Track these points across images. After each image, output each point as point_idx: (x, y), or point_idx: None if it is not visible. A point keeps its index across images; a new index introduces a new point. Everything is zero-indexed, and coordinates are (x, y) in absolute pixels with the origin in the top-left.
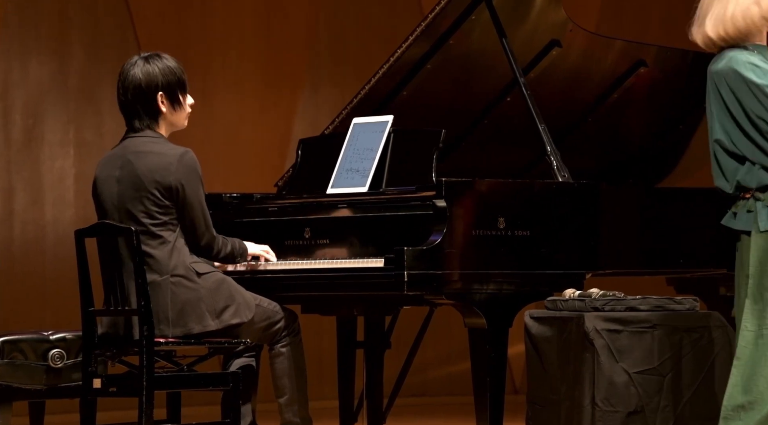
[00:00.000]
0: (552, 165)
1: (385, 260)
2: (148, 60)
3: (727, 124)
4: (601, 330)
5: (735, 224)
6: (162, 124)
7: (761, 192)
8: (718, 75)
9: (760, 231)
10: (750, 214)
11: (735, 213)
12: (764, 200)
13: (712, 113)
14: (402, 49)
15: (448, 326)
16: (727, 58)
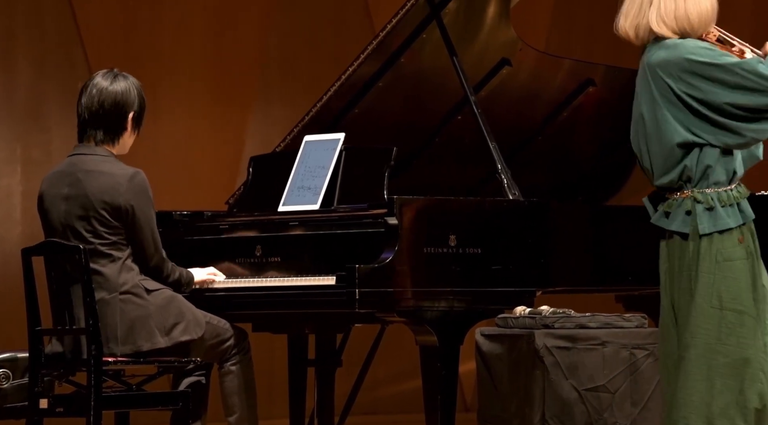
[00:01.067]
0: (503, 183)
1: (336, 277)
2: (124, 77)
3: (680, 115)
4: (551, 347)
5: (668, 224)
6: (117, 144)
7: (701, 192)
8: (662, 65)
9: (700, 235)
10: (688, 215)
11: (667, 212)
12: (704, 203)
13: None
14: (353, 68)
15: (400, 343)
16: (671, 46)
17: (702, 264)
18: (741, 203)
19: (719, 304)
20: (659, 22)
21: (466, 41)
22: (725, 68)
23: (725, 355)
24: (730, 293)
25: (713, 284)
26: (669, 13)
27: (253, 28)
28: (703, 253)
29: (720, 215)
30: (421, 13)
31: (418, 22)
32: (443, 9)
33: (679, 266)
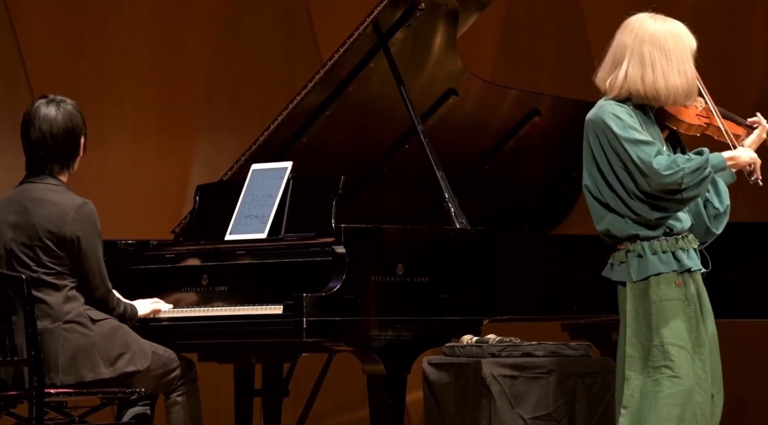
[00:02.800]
0: (450, 212)
1: (283, 306)
2: (63, 102)
3: (593, 171)
4: (497, 375)
5: (612, 275)
6: (69, 170)
7: (630, 243)
8: (588, 123)
9: (633, 281)
10: (623, 265)
11: (612, 264)
12: (634, 251)
13: (587, 160)
14: (301, 96)
15: (347, 373)
16: (598, 106)
17: (640, 309)
18: (677, 253)
19: (661, 342)
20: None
21: (414, 71)
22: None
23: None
24: (671, 331)
25: (654, 325)
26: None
27: (200, 55)
28: (641, 297)
29: (651, 262)
30: (368, 43)
31: (365, 51)
32: (390, 38)
33: (622, 312)
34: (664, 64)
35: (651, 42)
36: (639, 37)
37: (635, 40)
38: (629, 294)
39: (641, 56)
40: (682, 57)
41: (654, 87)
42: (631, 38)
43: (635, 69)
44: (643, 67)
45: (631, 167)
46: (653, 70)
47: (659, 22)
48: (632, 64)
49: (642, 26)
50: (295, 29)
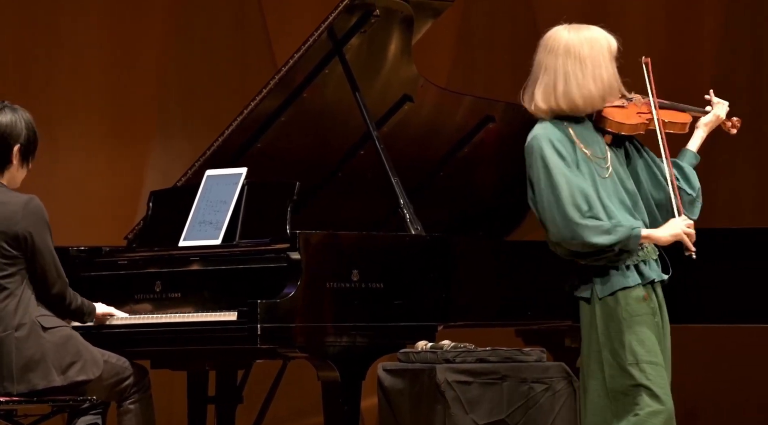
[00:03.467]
0: (405, 218)
1: (238, 313)
2: (12, 109)
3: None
4: (452, 381)
5: (575, 292)
6: (3, 177)
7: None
8: (527, 148)
9: (599, 298)
10: (586, 282)
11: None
12: (598, 267)
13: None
14: (256, 102)
15: (301, 379)
16: (536, 132)
17: (610, 324)
18: (639, 265)
19: (635, 360)
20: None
21: (369, 77)
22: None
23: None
24: (643, 347)
25: (625, 342)
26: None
27: (153, 61)
28: (609, 313)
29: (615, 276)
30: (323, 49)
31: (320, 57)
32: (346, 45)
33: (588, 330)
34: (578, 73)
35: (565, 53)
36: (554, 51)
37: (549, 55)
38: (598, 312)
39: (554, 70)
40: (599, 61)
41: (569, 97)
42: (545, 54)
43: (549, 84)
44: (556, 81)
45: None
46: (566, 81)
47: (573, 32)
48: (546, 80)
49: (556, 39)
50: (249, 35)
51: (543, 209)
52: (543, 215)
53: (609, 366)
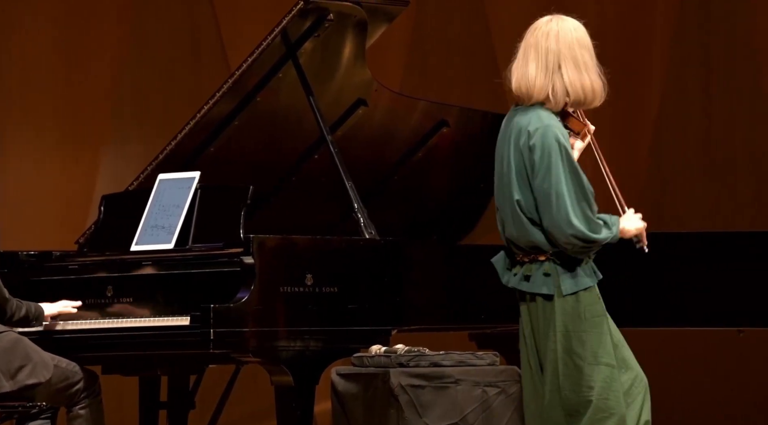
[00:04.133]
0: (359, 222)
1: (190, 318)
2: None
3: (522, 186)
4: (405, 385)
5: (531, 287)
6: None
7: (559, 255)
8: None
9: (562, 295)
10: (548, 277)
11: (527, 276)
12: (564, 264)
13: (510, 165)
14: (209, 106)
15: (254, 384)
16: (540, 118)
17: (569, 324)
18: (592, 264)
19: (596, 360)
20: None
21: (323, 81)
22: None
23: (607, 410)
24: (603, 348)
25: (587, 341)
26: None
27: (106, 65)
28: (570, 312)
29: (580, 275)
30: (277, 53)
31: (274, 61)
32: (299, 49)
33: (545, 327)
34: (591, 66)
35: (579, 45)
36: (566, 42)
37: (564, 45)
38: (558, 309)
39: (575, 60)
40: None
41: (591, 89)
42: (557, 43)
43: (574, 74)
44: (579, 72)
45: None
46: (588, 72)
47: (571, 22)
48: (570, 70)
49: (563, 29)
50: (202, 39)
51: (563, 198)
52: (561, 203)
53: (564, 365)
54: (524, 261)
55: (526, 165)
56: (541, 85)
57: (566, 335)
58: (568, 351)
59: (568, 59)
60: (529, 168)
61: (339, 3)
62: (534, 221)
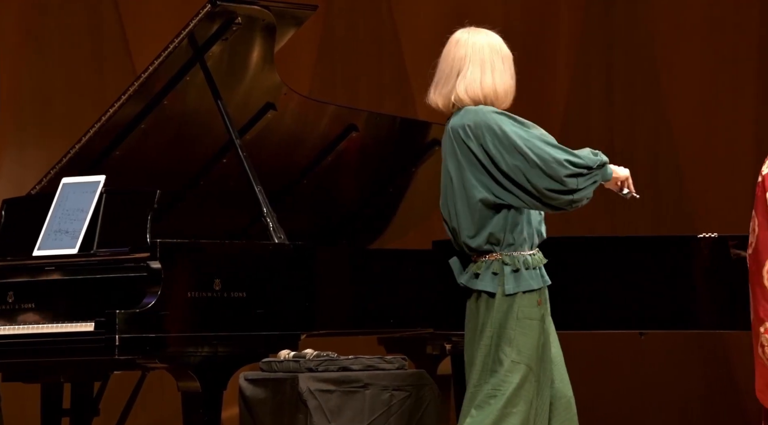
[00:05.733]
0: (268, 226)
1: (95, 324)
2: None
3: (483, 178)
4: (314, 390)
5: (477, 285)
6: None
7: (509, 255)
8: (468, 129)
9: (504, 295)
10: (495, 276)
11: (477, 274)
12: (511, 264)
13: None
14: (114, 109)
15: (161, 390)
16: (475, 112)
17: (503, 321)
18: (541, 268)
19: (518, 359)
20: (463, 91)
21: (231, 84)
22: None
23: (514, 406)
24: (527, 349)
25: (514, 340)
26: (473, 83)
27: (6, 68)
28: (506, 311)
29: (524, 277)
30: (184, 56)
31: (181, 64)
32: (207, 52)
33: (483, 323)
34: (505, 68)
35: (491, 50)
36: (476, 46)
37: (474, 50)
38: (496, 306)
39: (482, 62)
40: (510, 63)
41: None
42: (468, 49)
43: (476, 74)
44: (482, 72)
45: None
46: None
47: (483, 34)
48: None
49: (478, 37)
50: (106, 41)
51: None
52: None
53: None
54: (476, 260)
55: (480, 159)
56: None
57: (499, 332)
58: (496, 347)
59: (475, 61)
60: (486, 159)
61: (247, 6)
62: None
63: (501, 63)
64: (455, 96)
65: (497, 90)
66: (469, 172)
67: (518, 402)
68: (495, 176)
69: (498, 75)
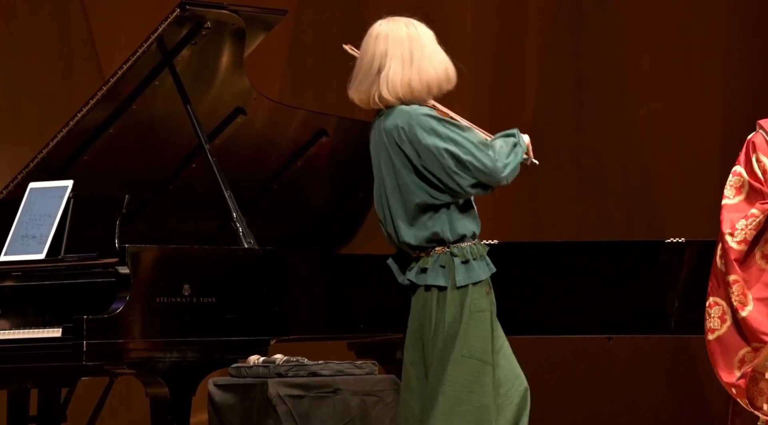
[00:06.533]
0: (238, 231)
1: (62, 329)
2: None
3: (419, 181)
4: (284, 395)
5: (425, 279)
6: None
7: (455, 246)
8: (402, 132)
9: (456, 287)
10: (443, 269)
11: (424, 268)
12: (460, 255)
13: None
14: (82, 113)
15: (129, 396)
16: (408, 113)
17: (457, 315)
18: (486, 257)
19: (469, 353)
20: (386, 89)
21: (200, 89)
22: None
23: (469, 403)
24: (479, 343)
25: (466, 334)
26: (395, 81)
27: None
28: (458, 304)
29: (473, 268)
30: (153, 60)
31: (150, 68)
32: (176, 56)
33: (437, 318)
34: (426, 59)
35: (410, 41)
36: (396, 42)
37: (393, 44)
38: (449, 300)
39: (403, 58)
40: (436, 48)
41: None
42: (385, 46)
43: (399, 71)
44: (403, 67)
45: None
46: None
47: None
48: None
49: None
50: (74, 45)
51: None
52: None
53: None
54: (421, 256)
55: (415, 162)
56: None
57: (452, 325)
58: (451, 342)
59: (396, 57)
60: (419, 162)
61: (216, 11)
62: (440, 205)
63: (422, 50)
64: (378, 95)
65: (427, 83)
66: (405, 175)
67: (475, 398)
68: (430, 180)
69: (425, 65)
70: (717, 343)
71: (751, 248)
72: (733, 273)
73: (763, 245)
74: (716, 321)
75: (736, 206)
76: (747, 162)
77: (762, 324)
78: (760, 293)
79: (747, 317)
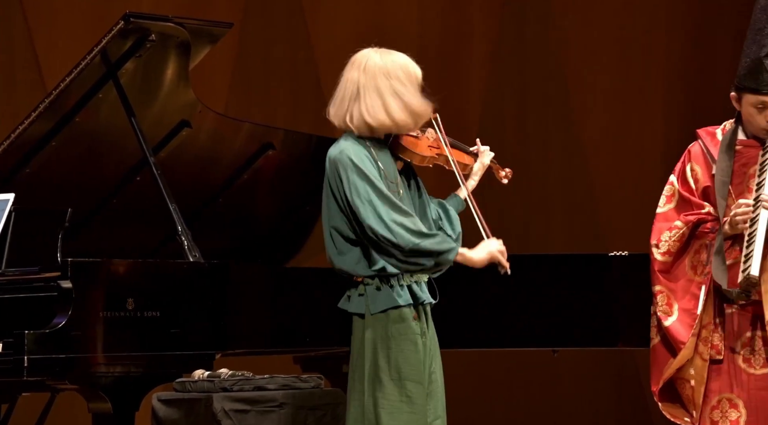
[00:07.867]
0: (183, 245)
1: (3, 344)
2: None
3: (338, 210)
4: (229, 410)
5: (349, 307)
6: None
7: (371, 276)
8: (334, 162)
9: (371, 314)
10: (361, 297)
11: (349, 296)
12: (372, 284)
13: (328, 196)
14: (24, 126)
15: (71, 411)
16: (339, 149)
17: (379, 340)
18: (413, 286)
19: (398, 376)
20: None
21: (145, 102)
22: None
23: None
24: (409, 366)
25: (390, 358)
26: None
27: None
28: (379, 329)
29: (389, 295)
30: (96, 72)
31: (94, 80)
32: (120, 69)
33: (359, 345)
34: (397, 96)
35: (383, 74)
36: (370, 72)
37: (367, 75)
38: (368, 327)
39: (377, 89)
40: (413, 87)
41: (391, 117)
42: (361, 73)
43: (373, 102)
44: (381, 99)
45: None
46: (391, 100)
47: (385, 55)
48: (369, 98)
49: (370, 61)
50: (16, 56)
51: (375, 217)
52: (374, 222)
53: (369, 382)
54: (349, 283)
55: (335, 195)
56: (339, 114)
57: (374, 352)
58: (374, 367)
59: (369, 88)
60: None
61: (161, 23)
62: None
63: (399, 91)
64: (348, 119)
65: (393, 119)
66: (332, 201)
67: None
68: (347, 214)
69: (394, 102)
70: (651, 352)
71: (677, 259)
72: (657, 284)
73: (693, 256)
74: (653, 331)
75: (665, 215)
76: (681, 171)
77: (680, 334)
78: (686, 303)
79: (669, 327)
